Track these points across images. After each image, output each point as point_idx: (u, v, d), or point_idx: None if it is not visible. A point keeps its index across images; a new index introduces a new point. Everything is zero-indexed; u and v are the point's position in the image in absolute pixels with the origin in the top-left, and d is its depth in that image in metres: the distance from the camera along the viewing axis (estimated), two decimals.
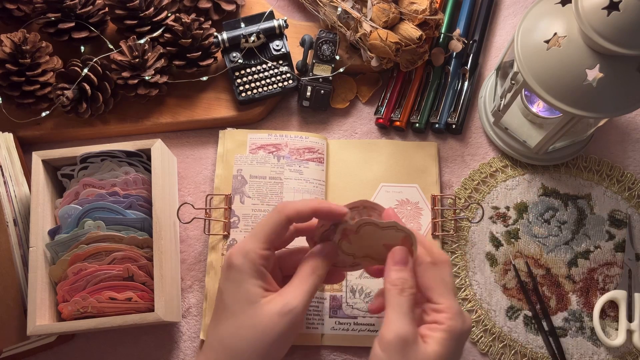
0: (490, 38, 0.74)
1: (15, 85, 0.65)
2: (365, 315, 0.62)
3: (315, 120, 0.71)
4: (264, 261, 0.47)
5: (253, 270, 0.46)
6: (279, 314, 0.45)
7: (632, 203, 0.66)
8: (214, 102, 0.70)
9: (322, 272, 0.48)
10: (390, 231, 0.47)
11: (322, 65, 0.69)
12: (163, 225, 0.59)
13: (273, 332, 0.45)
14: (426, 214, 0.65)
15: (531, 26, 0.55)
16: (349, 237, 0.49)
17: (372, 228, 0.47)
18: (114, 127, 0.69)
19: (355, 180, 0.67)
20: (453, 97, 0.70)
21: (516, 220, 0.66)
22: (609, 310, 0.63)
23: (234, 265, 0.47)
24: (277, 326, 0.45)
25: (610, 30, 0.47)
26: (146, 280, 0.58)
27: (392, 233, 0.47)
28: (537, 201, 0.66)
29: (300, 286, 0.47)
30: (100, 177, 0.62)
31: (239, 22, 0.69)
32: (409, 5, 0.65)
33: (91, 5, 0.68)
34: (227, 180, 0.66)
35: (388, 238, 0.48)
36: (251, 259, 0.46)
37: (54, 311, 0.58)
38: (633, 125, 0.70)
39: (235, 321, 0.46)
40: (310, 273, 0.48)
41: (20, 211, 0.62)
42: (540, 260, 0.65)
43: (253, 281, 0.46)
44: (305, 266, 0.48)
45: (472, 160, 0.69)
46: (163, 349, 0.63)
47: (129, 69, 0.66)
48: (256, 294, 0.46)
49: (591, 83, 0.51)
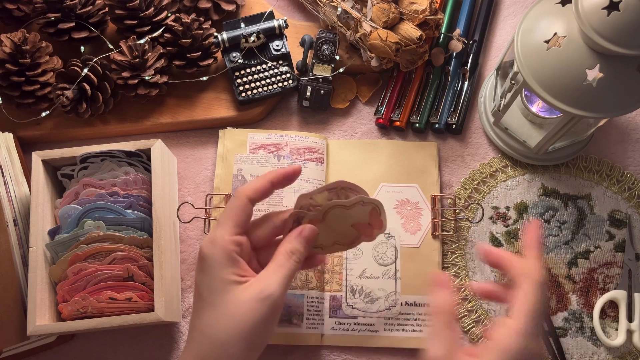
0: (490, 38, 0.74)
1: (15, 85, 0.65)
2: (365, 315, 0.62)
3: (315, 120, 0.71)
4: (234, 246, 0.46)
5: (224, 259, 0.46)
6: (256, 300, 0.44)
7: (632, 203, 0.66)
8: (214, 102, 0.70)
9: (300, 255, 0.48)
10: (357, 208, 0.47)
11: (322, 65, 0.69)
12: (163, 225, 0.59)
13: (252, 319, 0.44)
14: (426, 214, 0.65)
15: (531, 26, 0.55)
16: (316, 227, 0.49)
17: (339, 210, 0.48)
18: (114, 127, 0.69)
19: (355, 180, 0.66)
20: (453, 97, 0.70)
21: (516, 220, 0.66)
22: (609, 310, 0.63)
23: (205, 256, 0.46)
24: (256, 312, 0.44)
25: (610, 30, 0.47)
26: (146, 280, 0.58)
27: (359, 209, 0.47)
28: (537, 201, 0.66)
29: (278, 270, 0.46)
30: (100, 177, 0.62)
31: (239, 22, 0.69)
32: (409, 5, 0.65)
33: (91, 5, 0.68)
34: (227, 179, 0.66)
35: (356, 216, 0.48)
36: (221, 246, 0.46)
37: (54, 311, 0.58)
38: (633, 125, 0.70)
39: (213, 311, 0.45)
40: (287, 257, 0.47)
41: (20, 211, 0.62)
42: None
43: (226, 269, 0.46)
44: (282, 249, 0.48)
45: (472, 160, 0.69)
46: (163, 349, 0.63)
47: (129, 69, 0.66)
48: (231, 281, 0.45)
49: (591, 83, 0.51)
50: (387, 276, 0.63)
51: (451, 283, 0.46)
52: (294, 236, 0.48)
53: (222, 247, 0.46)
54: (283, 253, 0.47)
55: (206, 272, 0.46)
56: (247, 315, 0.44)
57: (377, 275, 0.63)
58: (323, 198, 0.49)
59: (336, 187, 0.49)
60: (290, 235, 0.49)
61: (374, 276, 0.63)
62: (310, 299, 0.62)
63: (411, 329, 0.62)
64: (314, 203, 0.49)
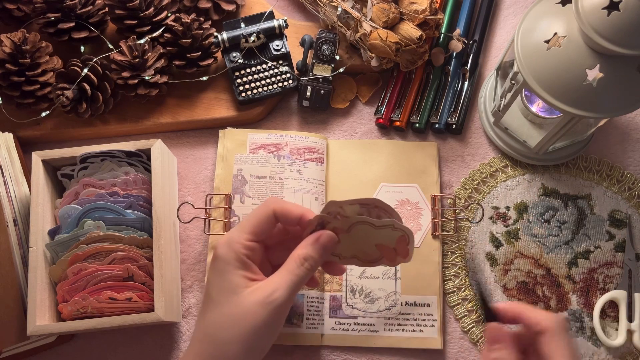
0: (490, 38, 0.74)
1: (15, 85, 0.65)
2: (365, 315, 0.62)
3: (315, 120, 0.71)
4: (248, 251, 0.47)
5: (236, 260, 0.46)
6: (261, 304, 0.44)
7: (632, 203, 0.66)
8: (214, 102, 0.70)
9: (312, 263, 0.47)
10: (386, 230, 0.46)
11: (322, 65, 0.69)
12: (163, 225, 0.59)
13: (254, 322, 0.44)
14: (426, 214, 0.65)
15: (531, 26, 0.55)
16: (338, 236, 0.48)
17: (367, 227, 0.46)
18: (114, 127, 0.69)
19: (355, 180, 0.67)
20: (453, 97, 0.70)
21: (516, 220, 0.66)
22: (609, 310, 0.63)
23: (218, 256, 0.47)
24: (259, 316, 0.44)
25: (610, 30, 0.47)
26: (146, 280, 0.58)
27: (387, 232, 0.46)
28: (537, 201, 0.66)
29: (287, 276, 0.46)
30: (100, 177, 0.62)
31: (239, 22, 0.69)
32: (409, 5, 0.65)
33: (91, 5, 0.68)
34: (227, 180, 0.66)
35: (382, 238, 0.47)
36: (235, 249, 0.46)
37: (54, 311, 0.58)
38: (633, 125, 0.70)
39: (218, 311, 0.45)
40: (299, 264, 0.46)
41: (20, 211, 0.62)
42: (540, 260, 0.64)
43: (236, 271, 0.46)
44: (295, 255, 0.47)
45: (472, 160, 0.69)
46: (163, 349, 0.63)
47: (129, 69, 0.66)
48: (239, 284, 0.45)
49: (591, 83, 0.51)
50: (387, 276, 0.63)
51: (508, 335, 0.44)
52: (310, 242, 0.47)
53: (234, 249, 0.46)
54: (295, 259, 0.47)
55: (217, 272, 0.47)
56: (249, 319, 0.44)
57: (377, 275, 0.63)
58: (353, 211, 0.47)
59: (369, 204, 0.47)
60: (307, 241, 0.47)
61: (374, 276, 0.63)
62: (310, 299, 0.62)
63: (411, 329, 0.62)
64: (342, 212, 0.47)
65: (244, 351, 0.45)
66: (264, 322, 0.44)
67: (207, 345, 0.45)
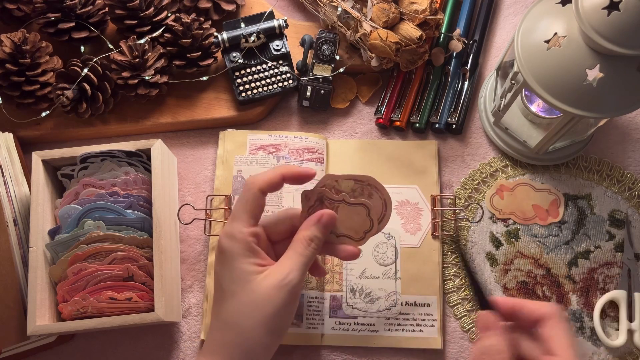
0: (490, 38, 0.74)
1: (15, 85, 0.65)
2: (366, 315, 0.62)
3: (315, 120, 0.71)
4: (252, 238, 0.48)
5: (244, 249, 0.47)
6: (277, 287, 0.46)
7: (632, 203, 0.66)
8: (214, 102, 0.70)
9: (318, 242, 0.48)
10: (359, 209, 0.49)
11: (322, 65, 0.69)
12: (163, 225, 0.59)
13: (273, 306, 0.46)
14: (426, 215, 0.65)
15: (531, 26, 0.55)
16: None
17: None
18: (114, 127, 0.69)
19: None
20: (453, 97, 0.70)
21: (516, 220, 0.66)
22: (609, 310, 0.63)
23: (224, 249, 0.47)
24: (277, 299, 0.46)
25: (610, 30, 0.47)
26: (146, 280, 0.58)
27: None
28: None
29: (297, 258, 0.47)
30: (100, 177, 0.62)
31: (239, 22, 0.69)
32: (409, 5, 0.65)
33: (91, 5, 0.68)
34: (228, 181, 0.66)
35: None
36: (239, 239, 0.47)
37: (54, 311, 0.59)
38: (633, 125, 0.70)
39: (236, 300, 0.46)
40: (306, 245, 0.48)
41: (20, 211, 0.62)
42: (540, 260, 0.64)
43: (246, 259, 0.47)
44: (300, 237, 0.49)
45: (472, 160, 0.69)
46: (163, 349, 0.63)
47: (129, 69, 0.66)
48: (251, 271, 0.46)
49: (591, 83, 0.51)
50: (387, 276, 0.63)
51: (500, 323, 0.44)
52: (313, 222, 0.49)
53: (241, 239, 0.47)
54: (302, 240, 0.48)
55: (226, 264, 0.47)
56: (268, 302, 0.45)
57: (377, 275, 0.63)
58: (347, 186, 0.49)
59: (363, 182, 0.49)
60: (310, 221, 0.49)
61: (374, 276, 0.63)
62: (310, 299, 0.62)
63: (411, 329, 0.62)
64: (337, 187, 0.49)
65: (267, 334, 0.46)
66: (283, 303, 0.46)
67: (229, 333, 0.46)
